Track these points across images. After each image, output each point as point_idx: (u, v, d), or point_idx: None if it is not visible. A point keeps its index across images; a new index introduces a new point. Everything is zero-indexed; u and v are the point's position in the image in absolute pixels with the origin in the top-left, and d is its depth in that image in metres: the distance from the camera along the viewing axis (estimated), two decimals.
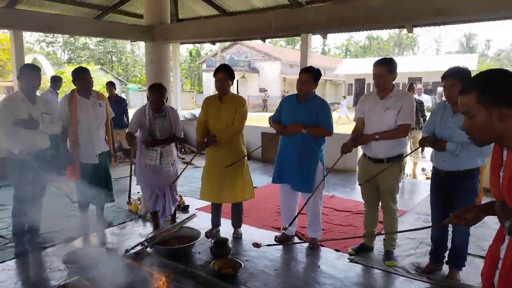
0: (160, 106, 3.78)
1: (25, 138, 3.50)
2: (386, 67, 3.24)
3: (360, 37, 64.76)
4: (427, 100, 9.30)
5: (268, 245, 3.17)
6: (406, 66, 23.92)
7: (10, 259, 3.44)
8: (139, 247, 3.20)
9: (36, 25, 6.32)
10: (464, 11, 4.80)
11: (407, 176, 6.86)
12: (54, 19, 6.51)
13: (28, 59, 7.16)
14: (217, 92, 3.79)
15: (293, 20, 6.11)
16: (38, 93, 3.88)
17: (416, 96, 7.18)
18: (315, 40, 64.38)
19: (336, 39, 71.46)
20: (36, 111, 3.57)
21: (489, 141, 1.36)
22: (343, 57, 47.49)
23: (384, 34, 52.71)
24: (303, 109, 3.58)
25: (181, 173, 3.96)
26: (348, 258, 3.55)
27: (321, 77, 3.80)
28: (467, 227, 2.88)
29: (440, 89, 17.11)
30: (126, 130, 3.95)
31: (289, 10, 6.70)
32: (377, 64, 3.27)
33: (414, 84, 7.36)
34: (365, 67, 23.43)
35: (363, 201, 3.65)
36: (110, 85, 7.65)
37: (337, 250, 3.71)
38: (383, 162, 3.31)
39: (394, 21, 5.48)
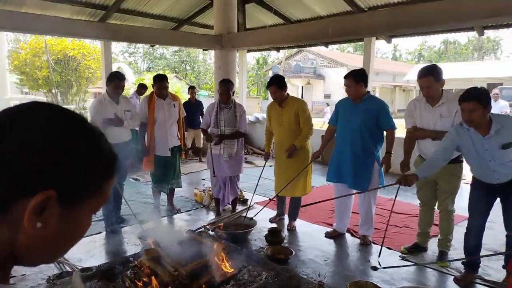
0: (228, 98, 4.24)
1: (112, 133, 4.09)
2: (431, 77, 3.20)
3: (435, 41, 61.04)
4: (504, 106, 8.63)
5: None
6: (485, 71, 22.18)
7: (96, 233, 4.05)
8: (201, 229, 3.59)
9: (125, 36, 7.22)
10: None
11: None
12: (140, 31, 7.38)
13: (113, 68, 8.13)
14: None
15: (350, 24, 6.23)
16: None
17: (492, 102, 6.78)
18: (385, 45, 61.75)
19: (408, 44, 67.87)
20: (120, 109, 4.16)
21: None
22: (416, 63, 44.81)
23: (462, 38, 49.14)
24: (359, 110, 3.71)
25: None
26: (400, 256, 3.60)
27: (391, 83, 3.96)
28: None
29: None
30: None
31: (346, 16, 6.96)
32: (422, 76, 3.24)
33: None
34: None
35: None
36: (193, 89, 8.39)
37: (389, 248, 3.77)
38: None
39: (459, 23, 5.33)
